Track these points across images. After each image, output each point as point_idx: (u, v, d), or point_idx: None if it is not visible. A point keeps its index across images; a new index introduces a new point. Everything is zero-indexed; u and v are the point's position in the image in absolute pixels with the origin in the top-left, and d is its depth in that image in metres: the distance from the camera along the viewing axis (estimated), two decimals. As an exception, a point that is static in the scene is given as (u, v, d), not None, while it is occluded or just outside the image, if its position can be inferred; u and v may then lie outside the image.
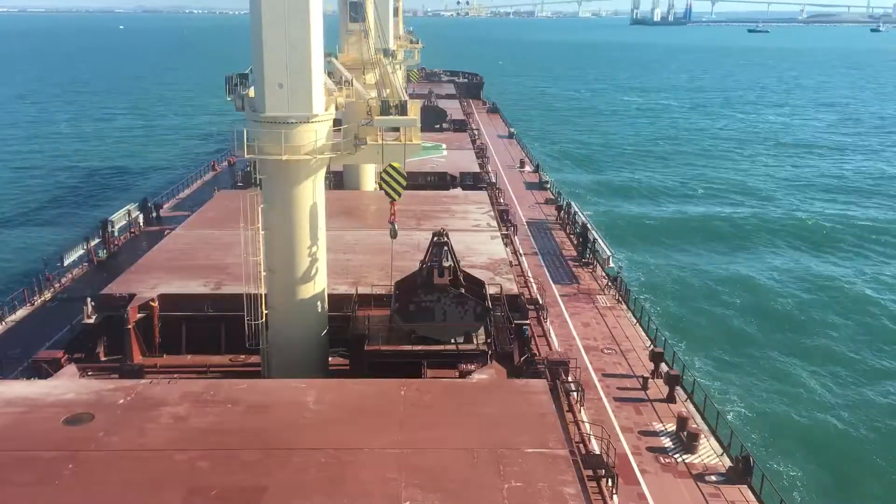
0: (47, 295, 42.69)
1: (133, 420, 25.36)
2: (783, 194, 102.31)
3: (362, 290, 37.61)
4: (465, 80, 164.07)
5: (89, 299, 37.75)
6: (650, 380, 33.74)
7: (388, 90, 34.92)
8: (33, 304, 41.42)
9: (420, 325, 32.77)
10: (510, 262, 44.99)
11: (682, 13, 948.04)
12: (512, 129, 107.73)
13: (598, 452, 27.24)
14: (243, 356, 35.74)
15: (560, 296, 44.34)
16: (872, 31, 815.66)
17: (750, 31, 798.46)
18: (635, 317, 41.22)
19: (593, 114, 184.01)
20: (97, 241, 48.52)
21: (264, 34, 28.72)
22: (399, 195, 31.84)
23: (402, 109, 31.09)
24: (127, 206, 57.04)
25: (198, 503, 21.23)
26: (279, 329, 32.15)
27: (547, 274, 47.98)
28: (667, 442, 29.21)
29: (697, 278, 68.58)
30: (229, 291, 37.16)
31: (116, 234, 50.32)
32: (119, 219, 52.90)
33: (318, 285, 32.35)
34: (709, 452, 28.40)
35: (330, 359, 34.52)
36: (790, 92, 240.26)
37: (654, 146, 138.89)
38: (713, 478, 26.95)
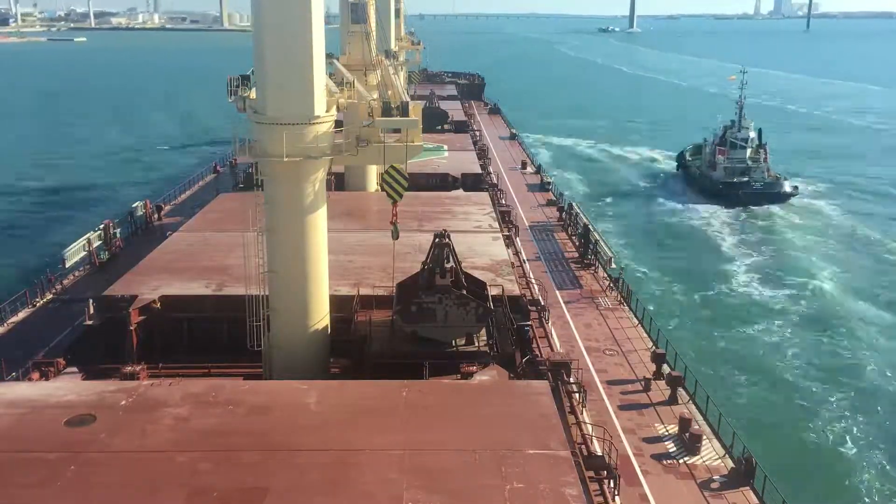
0: (49, 296, 42.69)
1: (135, 421, 25.36)
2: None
3: (364, 291, 37.63)
4: (467, 81, 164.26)
5: (91, 301, 37.76)
6: (652, 381, 33.67)
7: (389, 91, 34.92)
8: (35, 306, 41.40)
9: (422, 327, 32.73)
10: (512, 264, 44.96)
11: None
12: (513, 130, 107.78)
13: (599, 454, 27.17)
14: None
15: (562, 297, 44.29)
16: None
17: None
18: (637, 318, 41.15)
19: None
20: (99, 242, 48.51)
21: (266, 36, 28.75)
22: (400, 196, 31.85)
23: (403, 110, 31.10)
24: (128, 208, 57.16)
25: (199, 504, 21.21)
26: (281, 330, 32.12)
27: (549, 275, 47.93)
28: (669, 443, 29.14)
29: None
30: (231, 293, 37.16)
31: (118, 235, 50.31)
32: (121, 220, 52.91)
33: (320, 287, 32.31)
34: (711, 454, 28.34)
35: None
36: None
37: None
38: (715, 479, 26.88)
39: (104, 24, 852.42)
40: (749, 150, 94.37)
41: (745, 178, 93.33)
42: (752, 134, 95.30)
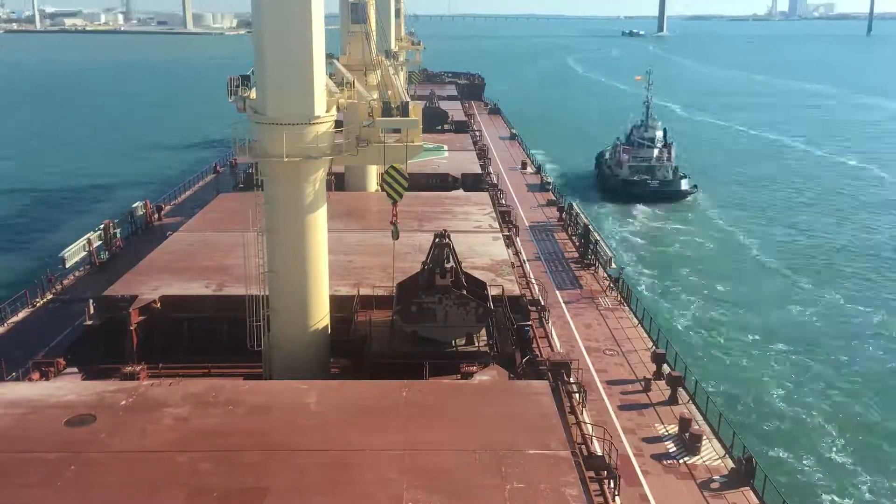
0: (49, 296, 42.68)
1: (135, 421, 25.37)
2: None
3: (364, 291, 37.64)
4: (467, 81, 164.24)
5: (91, 301, 37.74)
6: (652, 381, 33.68)
7: (389, 91, 34.93)
8: (35, 306, 41.40)
9: (422, 327, 32.74)
10: (512, 264, 44.96)
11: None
12: (513, 130, 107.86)
13: (600, 454, 27.18)
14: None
15: (562, 297, 44.29)
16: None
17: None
18: (637, 318, 41.16)
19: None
20: (99, 242, 48.52)
21: (266, 36, 28.76)
22: (400, 196, 31.89)
23: (403, 110, 31.11)
24: (128, 208, 57.18)
25: (199, 504, 21.21)
26: (280, 330, 32.14)
27: (549, 275, 47.93)
28: (669, 443, 29.14)
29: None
30: (231, 293, 37.17)
31: (118, 235, 50.32)
32: (121, 220, 52.95)
33: (320, 287, 32.33)
34: (711, 454, 28.35)
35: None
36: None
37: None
38: (715, 479, 26.89)
39: (54, 27, 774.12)
40: (655, 150, 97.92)
41: (646, 177, 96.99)
42: (659, 133, 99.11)
